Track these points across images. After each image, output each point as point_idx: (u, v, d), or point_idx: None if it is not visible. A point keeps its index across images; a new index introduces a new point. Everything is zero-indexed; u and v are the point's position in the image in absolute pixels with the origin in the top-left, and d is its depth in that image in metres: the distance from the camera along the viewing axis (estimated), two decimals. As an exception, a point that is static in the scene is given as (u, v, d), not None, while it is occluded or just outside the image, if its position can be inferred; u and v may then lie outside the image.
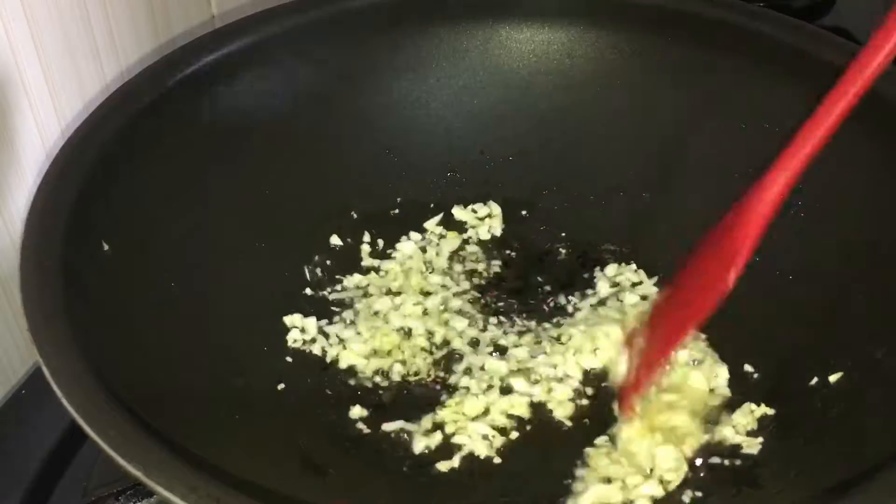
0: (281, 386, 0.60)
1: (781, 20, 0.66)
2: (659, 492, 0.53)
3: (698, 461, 0.55)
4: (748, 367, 0.60)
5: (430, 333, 0.64)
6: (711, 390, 0.59)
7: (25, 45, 0.57)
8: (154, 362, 0.53)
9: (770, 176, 0.53)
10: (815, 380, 0.55)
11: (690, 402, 0.59)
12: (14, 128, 0.58)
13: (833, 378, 0.54)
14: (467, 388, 0.60)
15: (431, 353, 0.63)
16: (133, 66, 0.67)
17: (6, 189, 0.59)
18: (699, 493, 0.53)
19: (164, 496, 0.39)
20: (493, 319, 0.66)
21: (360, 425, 0.58)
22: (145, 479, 0.39)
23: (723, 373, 0.60)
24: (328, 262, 0.68)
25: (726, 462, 0.55)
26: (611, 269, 0.69)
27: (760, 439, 0.55)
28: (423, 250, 0.70)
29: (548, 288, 0.68)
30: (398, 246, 0.70)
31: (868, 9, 0.93)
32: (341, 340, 0.64)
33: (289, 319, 0.64)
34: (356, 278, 0.68)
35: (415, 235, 0.71)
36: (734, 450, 0.55)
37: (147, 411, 0.45)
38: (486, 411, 0.59)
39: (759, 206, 0.53)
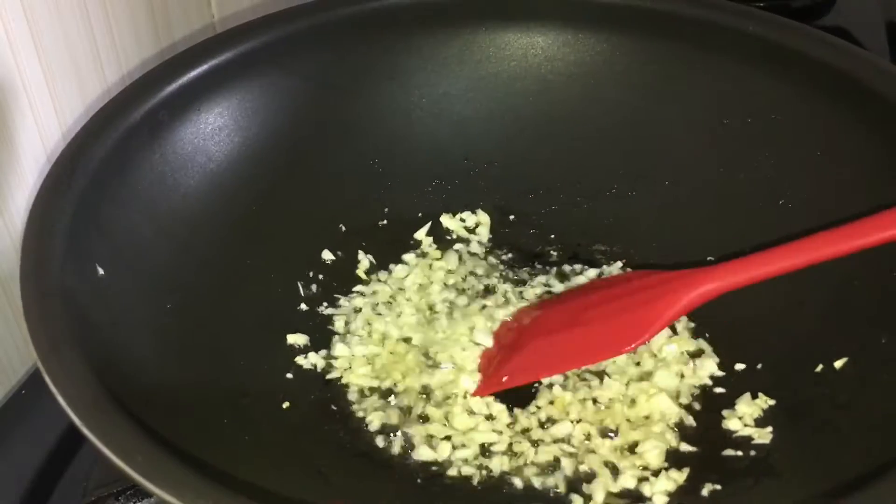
0: (286, 404, 0.59)
1: (764, 18, 0.67)
2: (671, 486, 0.54)
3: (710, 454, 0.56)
4: (751, 359, 0.60)
5: (429, 344, 0.64)
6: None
7: (26, 45, 0.56)
8: (155, 379, 0.52)
9: (716, 274, 0.57)
10: (820, 367, 0.56)
11: (666, 388, 0.60)
12: (14, 128, 0.57)
13: (839, 364, 0.55)
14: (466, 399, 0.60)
15: (429, 362, 0.63)
16: (134, 68, 0.65)
17: (6, 189, 0.58)
18: (718, 486, 0.53)
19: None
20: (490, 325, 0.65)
21: (369, 440, 0.58)
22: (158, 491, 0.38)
23: (709, 365, 0.61)
24: (321, 277, 0.68)
25: (740, 453, 0.55)
26: (592, 272, 0.69)
27: (770, 429, 0.56)
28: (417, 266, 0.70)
29: (540, 290, 0.68)
30: (393, 272, 0.69)
31: (868, 9, 0.95)
32: (340, 357, 0.63)
33: (291, 338, 0.63)
34: (354, 301, 0.67)
35: (409, 257, 0.71)
36: (746, 441, 0.55)
37: (150, 422, 0.44)
38: (490, 417, 0.59)
39: (693, 297, 0.57)
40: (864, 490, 0.41)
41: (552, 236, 0.72)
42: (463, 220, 0.73)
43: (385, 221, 0.72)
